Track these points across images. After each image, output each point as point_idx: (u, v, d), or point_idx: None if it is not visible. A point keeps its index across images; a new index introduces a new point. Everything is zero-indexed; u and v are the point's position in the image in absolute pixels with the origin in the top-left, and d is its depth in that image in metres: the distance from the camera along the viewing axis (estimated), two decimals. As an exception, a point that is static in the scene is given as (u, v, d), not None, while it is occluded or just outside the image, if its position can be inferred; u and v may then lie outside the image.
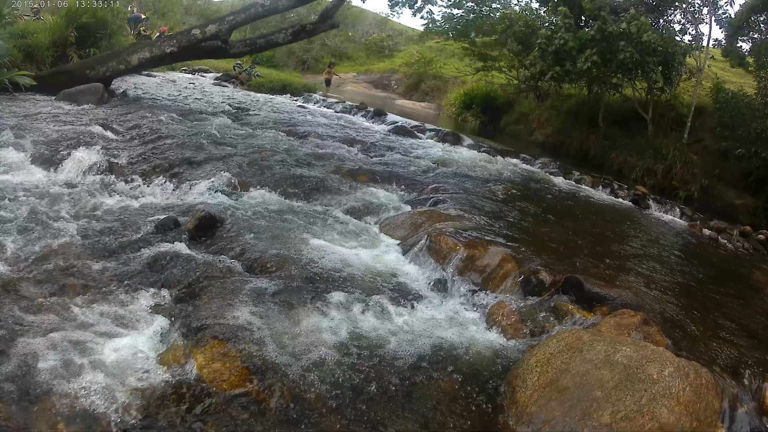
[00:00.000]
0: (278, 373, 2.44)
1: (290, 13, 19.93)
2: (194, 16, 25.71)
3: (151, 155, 5.64)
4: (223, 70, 18.34)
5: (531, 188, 7.10)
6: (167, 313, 2.87)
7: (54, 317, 2.65)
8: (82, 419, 2.08)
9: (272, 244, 3.83)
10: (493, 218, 5.01)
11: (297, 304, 3.07)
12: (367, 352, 2.70)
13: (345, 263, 3.70)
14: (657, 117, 11.15)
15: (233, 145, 6.50)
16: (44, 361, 2.28)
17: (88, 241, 3.60)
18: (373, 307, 3.17)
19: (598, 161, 11.17)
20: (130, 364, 2.40)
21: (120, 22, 12.33)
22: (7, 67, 8.43)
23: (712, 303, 4.11)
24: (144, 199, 4.64)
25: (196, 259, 3.48)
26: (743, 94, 9.72)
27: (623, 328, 3.06)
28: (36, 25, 10.74)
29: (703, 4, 12.03)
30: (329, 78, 17.21)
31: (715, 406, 2.50)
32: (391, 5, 17.81)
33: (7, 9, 8.60)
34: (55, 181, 4.76)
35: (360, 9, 29.51)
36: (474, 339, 3.04)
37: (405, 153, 7.78)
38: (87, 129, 6.16)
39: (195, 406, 2.23)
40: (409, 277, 3.75)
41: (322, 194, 5.30)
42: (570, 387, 2.51)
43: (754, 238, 7.21)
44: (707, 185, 9.70)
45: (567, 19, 10.85)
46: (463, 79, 18.81)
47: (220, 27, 9.57)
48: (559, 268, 3.79)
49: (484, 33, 17.11)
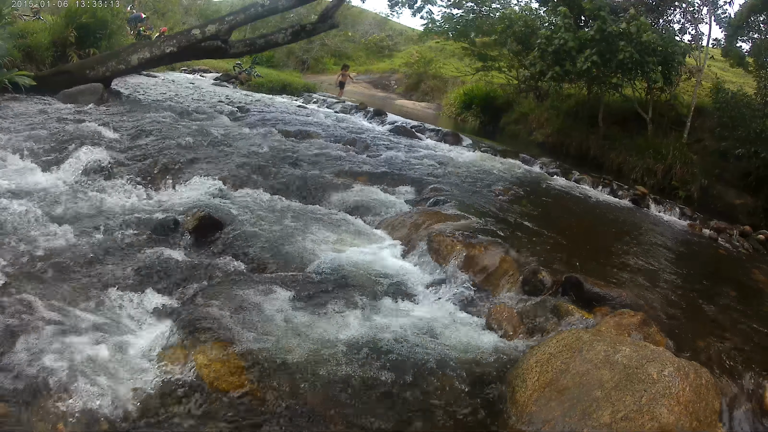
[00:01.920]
0: (278, 373, 2.45)
1: (290, 13, 19.91)
2: (194, 16, 25.69)
3: (151, 155, 5.64)
4: (223, 70, 18.32)
5: (531, 188, 7.10)
6: (167, 313, 2.87)
7: (53, 317, 2.65)
8: (82, 419, 2.08)
9: (272, 244, 3.83)
10: (493, 218, 5.01)
11: (297, 305, 3.07)
12: (366, 352, 2.70)
13: (344, 263, 3.70)
14: (657, 117, 11.15)
15: (233, 145, 6.50)
16: (44, 361, 2.28)
17: (87, 241, 3.59)
18: (373, 307, 3.18)
19: (597, 161, 11.17)
20: (130, 364, 2.40)
21: (120, 22, 12.30)
22: (7, 67, 8.42)
23: (712, 303, 4.11)
24: (144, 199, 4.65)
25: (196, 259, 3.48)
26: (743, 94, 9.71)
27: (623, 328, 3.06)
28: (36, 25, 10.71)
29: (702, 4, 12.04)
30: (343, 81, 16.89)
31: (715, 406, 2.51)
32: (391, 5, 17.82)
33: (6, 9, 8.59)
34: (55, 181, 4.75)
35: (360, 9, 29.50)
36: (473, 339, 3.04)
37: (405, 153, 7.78)
38: (87, 129, 6.15)
39: (195, 407, 2.23)
40: (408, 277, 3.75)
41: (322, 194, 5.30)
42: (570, 387, 2.51)
43: (754, 238, 7.21)
44: (707, 185, 9.70)
45: (567, 19, 10.85)
46: (463, 79, 18.81)
47: (219, 27, 9.56)
48: (558, 268, 3.80)
49: (483, 33, 17.12)
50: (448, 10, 18.27)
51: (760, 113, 9.22)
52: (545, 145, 12.57)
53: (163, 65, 12.60)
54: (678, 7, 12.21)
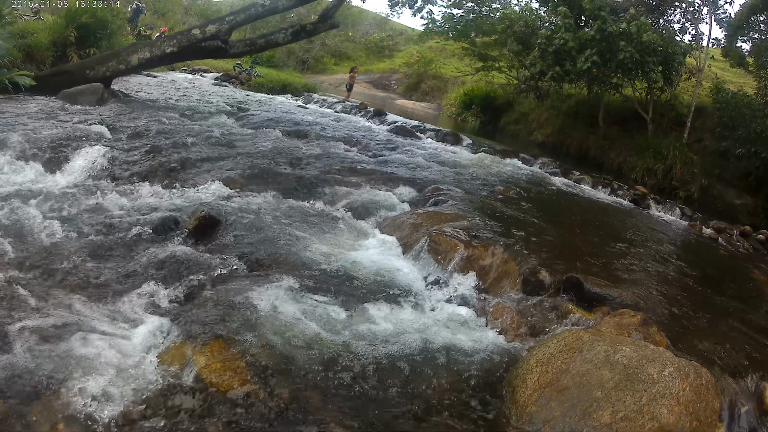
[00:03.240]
0: (279, 373, 2.45)
1: (290, 13, 19.89)
2: (194, 16, 25.65)
3: (151, 155, 5.64)
4: (223, 70, 18.31)
5: (531, 188, 7.10)
6: (168, 314, 2.87)
7: (53, 317, 2.65)
8: (81, 419, 2.08)
9: (272, 244, 3.83)
10: (493, 218, 5.01)
11: (297, 305, 3.07)
12: (366, 352, 2.70)
13: (344, 263, 3.70)
14: (657, 117, 11.15)
15: (233, 146, 6.50)
16: (44, 361, 2.29)
17: (87, 241, 3.60)
18: (373, 307, 3.18)
19: (597, 161, 11.17)
20: (131, 364, 2.40)
21: (120, 22, 12.29)
22: (7, 67, 8.42)
23: (712, 303, 4.11)
24: (144, 199, 4.64)
25: (196, 259, 3.48)
26: (743, 94, 9.71)
27: (623, 328, 3.06)
28: (36, 25, 10.71)
29: (703, 4, 12.04)
30: (351, 83, 16.66)
31: (715, 406, 2.51)
32: (391, 5, 17.79)
33: (7, 9, 8.58)
34: (55, 181, 4.76)
35: (360, 9, 29.49)
36: (474, 339, 3.04)
37: (405, 153, 7.78)
38: (87, 129, 6.15)
39: (195, 407, 2.23)
40: (408, 277, 3.75)
41: (322, 194, 5.30)
42: (570, 387, 2.51)
43: (754, 238, 7.22)
44: (707, 185, 9.70)
45: (567, 19, 10.84)
46: (463, 79, 18.80)
47: (220, 27, 9.56)
48: (559, 268, 3.79)
49: (484, 33, 17.11)
50: (448, 10, 18.27)
51: (760, 113, 9.22)
52: (545, 145, 12.58)
53: (164, 65, 12.59)
54: (678, 7, 12.21)
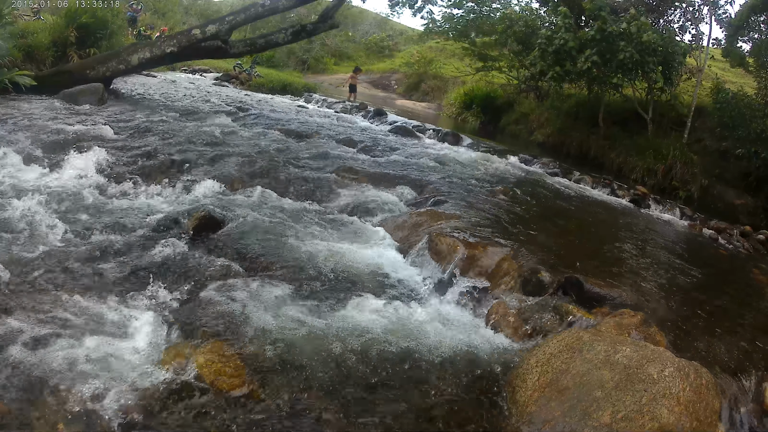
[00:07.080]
0: (278, 373, 2.45)
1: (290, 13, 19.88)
2: (194, 16, 25.67)
3: (151, 155, 5.64)
4: (224, 70, 18.31)
5: (531, 188, 7.10)
6: (168, 313, 2.87)
7: (53, 318, 2.65)
8: (81, 419, 2.08)
9: (272, 244, 3.83)
10: (493, 218, 5.01)
11: (297, 304, 3.07)
12: (366, 351, 2.70)
13: (345, 263, 3.70)
14: (657, 117, 11.15)
15: (233, 146, 6.50)
16: (44, 361, 2.29)
17: (87, 241, 3.60)
18: (373, 308, 3.18)
19: (598, 161, 11.16)
20: (131, 363, 2.40)
21: (120, 22, 12.29)
22: (7, 67, 8.41)
23: (712, 303, 4.11)
24: (144, 199, 4.64)
25: (196, 259, 3.48)
26: (743, 94, 9.70)
27: (623, 328, 3.06)
28: (36, 25, 10.70)
29: (703, 4, 12.02)
30: (354, 84, 16.50)
31: (715, 406, 2.51)
32: (391, 5, 17.77)
33: (7, 9, 8.58)
34: (55, 181, 4.75)
35: (360, 9, 29.50)
36: (474, 339, 3.04)
37: (405, 153, 7.78)
38: (87, 129, 6.15)
39: (195, 406, 2.23)
40: (408, 277, 3.75)
41: (322, 194, 5.31)
42: (570, 387, 2.51)
43: (754, 238, 7.21)
44: (707, 185, 9.69)
45: (567, 19, 10.84)
46: (463, 79, 18.78)
47: (220, 27, 9.56)
48: (559, 268, 3.79)
49: (484, 33, 17.08)
50: (448, 10, 18.26)
51: (760, 113, 9.22)
52: (545, 145, 12.57)
53: (164, 65, 12.59)
54: (678, 7, 12.19)
